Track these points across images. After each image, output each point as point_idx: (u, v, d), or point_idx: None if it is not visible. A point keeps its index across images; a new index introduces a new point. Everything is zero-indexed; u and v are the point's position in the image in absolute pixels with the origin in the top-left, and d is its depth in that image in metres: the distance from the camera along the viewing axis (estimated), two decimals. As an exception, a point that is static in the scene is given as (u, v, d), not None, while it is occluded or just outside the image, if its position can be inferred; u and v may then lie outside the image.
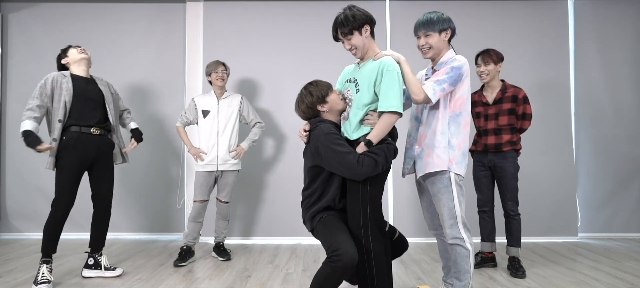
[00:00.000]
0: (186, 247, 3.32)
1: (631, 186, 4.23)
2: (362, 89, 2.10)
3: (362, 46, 2.14)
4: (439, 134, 2.14)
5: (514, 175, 2.97)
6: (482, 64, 3.01)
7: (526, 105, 3.00)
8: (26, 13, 4.33)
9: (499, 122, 2.99)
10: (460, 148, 2.16)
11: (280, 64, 4.24)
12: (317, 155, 2.09)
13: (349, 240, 1.94)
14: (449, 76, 2.09)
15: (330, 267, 1.89)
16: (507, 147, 2.97)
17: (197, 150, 3.35)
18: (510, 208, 2.99)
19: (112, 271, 2.90)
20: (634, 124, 4.26)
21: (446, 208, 2.13)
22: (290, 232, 4.15)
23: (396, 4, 4.27)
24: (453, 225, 2.13)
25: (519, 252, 3.00)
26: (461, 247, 2.14)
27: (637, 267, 3.15)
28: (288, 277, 2.96)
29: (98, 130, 2.81)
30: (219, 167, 3.36)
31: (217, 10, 4.27)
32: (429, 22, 2.16)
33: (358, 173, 1.98)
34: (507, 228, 3.04)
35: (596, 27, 4.29)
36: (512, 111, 2.99)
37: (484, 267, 3.13)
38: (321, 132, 2.07)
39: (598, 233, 4.23)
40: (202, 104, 3.39)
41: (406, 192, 4.15)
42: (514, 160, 2.99)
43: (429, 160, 2.15)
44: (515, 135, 3.01)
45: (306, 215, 2.17)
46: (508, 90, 3.01)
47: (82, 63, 2.84)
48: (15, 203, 4.26)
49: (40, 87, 2.68)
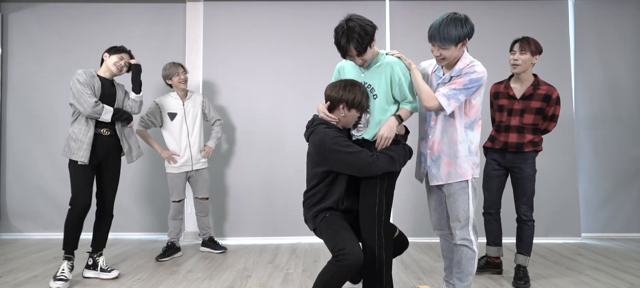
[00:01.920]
0: (171, 243, 3.48)
1: (631, 186, 4.23)
2: (380, 93, 2.14)
3: (371, 57, 2.14)
4: (459, 144, 2.10)
5: (532, 177, 2.72)
6: (517, 52, 2.67)
7: (557, 107, 2.71)
8: (26, 13, 4.33)
9: (524, 120, 2.70)
10: (477, 153, 2.16)
11: (280, 64, 4.24)
12: (323, 161, 2.07)
13: (354, 240, 1.94)
14: (466, 88, 2.02)
15: (336, 266, 1.89)
16: (528, 148, 2.70)
17: (170, 153, 3.43)
18: (524, 213, 2.74)
19: (108, 273, 2.90)
20: (634, 124, 4.26)
21: (461, 210, 2.12)
22: (290, 232, 4.15)
23: (396, 4, 4.27)
24: (464, 226, 2.12)
25: (527, 260, 2.75)
26: (468, 248, 2.14)
27: (637, 267, 3.15)
28: (288, 277, 2.96)
29: (108, 131, 2.84)
30: (194, 166, 3.50)
31: (217, 10, 4.27)
32: (446, 36, 1.97)
33: (375, 169, 2.01)
34: (518, 234, 2.79)
35: (596, 27, 4.28)
36: (540, 111, 2.69)
37: (487, 272, 2.98)
38: (327, 136, 2.04)
39: (598, 233, 4.22)
40: (167, 106, 3.46)
41: (406, 192, 4.14)
42: (533, 162, 2.73)
43: (451, 170, 2.12)
44: (538, 135, 2.75)
45: (308, 214, 2.16)
46: (541, 86, 2.69)
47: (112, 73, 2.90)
48: (16, 203, 4.26)
49: (83, 83, 2.69)
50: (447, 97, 2.03)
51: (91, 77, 2.77)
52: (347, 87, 2.07)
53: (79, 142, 2.71)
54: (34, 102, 4.27)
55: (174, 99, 3.47)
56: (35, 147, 4.25)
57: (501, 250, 2.95)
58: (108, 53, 2.89)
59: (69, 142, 2.74)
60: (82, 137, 2.72)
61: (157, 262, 3.31)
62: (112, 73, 2.89)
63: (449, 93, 2.03)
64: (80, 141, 2.71)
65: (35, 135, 4.26)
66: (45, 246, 3.84)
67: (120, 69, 2.89)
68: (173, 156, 3.44)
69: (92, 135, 2.73)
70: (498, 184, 2.85)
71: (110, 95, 2.86)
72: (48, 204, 4.22)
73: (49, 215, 4.22)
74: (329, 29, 4.70)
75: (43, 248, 3.75)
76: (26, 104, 4.27)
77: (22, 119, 4.27)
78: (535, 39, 2.71)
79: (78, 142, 2.71)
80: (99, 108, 2.71)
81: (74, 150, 2.71)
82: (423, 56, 2.42)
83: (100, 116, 2.72)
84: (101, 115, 2.72)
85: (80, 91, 2.68)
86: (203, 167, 3.58)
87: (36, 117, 4.26)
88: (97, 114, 2.71)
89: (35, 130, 4.26)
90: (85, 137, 2.72)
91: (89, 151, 2.71)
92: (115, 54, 2.88)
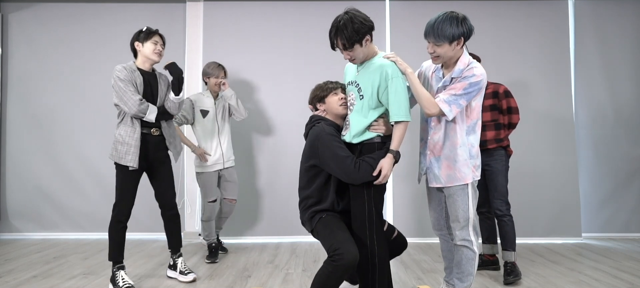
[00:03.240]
0: (214, 245, 3.43)
1: (632, 186, 4.22)
2: (366, 95, 2.09)
3: (362, 56, 2.09)
4: (459, 148, 2.09)
5: (501, 173, 2.86)
6: None
7: (509, 99, 2.92)
8: (26, 13, 4.33)
9: (482, 119, 2.79)
10: (478, 155, 2.15)
11: (280, 64, 4.24)
12: (314, 155, 2.10)
13: (350, 239, 1.94)
14: (466, 92, 2.00)
15: (332, 266, 1.89)
16: (492, 145, 2.87)
17: (203, 151, 3.41)
18: (498, 207, 2.85)
19: (185, 276, 2.79)
20: (634, 124, 4.26)
21: (461, 211, 2.11)
22: (290, 232, 4.15)
23: (396, 4, 4.27)
24: (464, 227, 2.12)
25: (513, 255, 2.81)
26: (469, 249, 2.13)
27: (637, 267, 3.15)
28: (288, 277, 2.96)
29: (157, 131, 2.69)
30: (225, 164, 3.47)
31: (217, 10, 4.27)
32: (439, 33, 1.97)
33: (355, 178, 2.00)
34: (499, 230, 2.89)
35: (596, 27, 4.28)
36: (494, 107, 2.92)
37: (483, 270, 3.05)
38: (323, 131, 2.09)
39: (598, 233, 4.22)
40: (200, 104, 3.44)
41: (406, 192, 4.14)
42: (502, 158, 2.88)
43: (450, 174, 2.11)
44: (503, 131, 2.92)
45: (304, 216, 2.18)
46: (488, 87, 2.91)
47: (151, 62, 2.69)
48: (16, 203, 4.26)
49: (124, 79, 2.51)
50: (448, 103, 2.01)
51: (132, 72, 2.57)
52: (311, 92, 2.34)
53: (126, 145, 2.53)
54: (34, 101, 4.27)
55: (207, 97, 3.49)
56: (35, 147, 4.25)
57: (496, 248, 3.03)
58: (139, 42, 2.63)
59: (116, 146, 2.56)
60: (129, 139, 2.54)
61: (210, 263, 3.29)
62: (153, 61, 2.66)
63: (450, 99, 2.01)
64: (128, 144, 2.53)
65: (35, 135, 4.26)
66: (45, 246, 3.84)
67: (160, 54, 2.66)
68: (205, 155, 3.42)
69: (138, 137, 2.55)
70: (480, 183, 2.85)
71: (154, 89, 2.66)
72: (48, 204, 4.22)
73: (49, 215, 4.22)
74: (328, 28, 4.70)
75: (43, 248, 3.75)
76: (26, 103, 4.27)
77: (22, 118, 4.27)
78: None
79: (125, 146, 2.53)
80: (144, 106, 2.52)
81: (121, 154, 2.54)
82: (423, 56, 2.40)
83: (145, 116, 2.54)
84: (146, 114, 2.54)
85: (122, 89, 2.50)
86: (232, 165, 3.56)
87: (36, 116, 4.26)
88: (142, 113, 2.52)
89: (35, 130, 4.26)
90: (131, 139, 2.54)
91: (137, 154, 2.54)
92: (148, 40, 2.62)
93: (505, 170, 2.88)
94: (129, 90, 2.51)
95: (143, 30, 2.65)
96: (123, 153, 2.54)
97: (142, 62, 2.67)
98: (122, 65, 2.59)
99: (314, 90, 2.31)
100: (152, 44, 2.63)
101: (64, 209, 4.24)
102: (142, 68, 2.67)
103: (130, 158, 2.53)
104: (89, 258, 3.41)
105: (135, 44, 2.66)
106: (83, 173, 4.24)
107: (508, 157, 2.93)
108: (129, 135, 2.56)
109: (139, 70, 2.64)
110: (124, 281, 2.57)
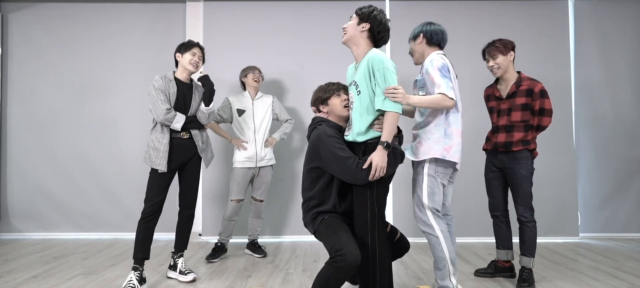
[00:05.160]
0: (220, 244, 3.45)
1: (631, 186, 4.23)
2: (362, 91, 2.11)
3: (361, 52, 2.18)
4: (433, 126, 2.27)
5: (525, 178, 2.69)
6: (489, 59, 2.76)
7: (544, 100, 2.68)
8: (26, 13, 4.33)
9: (512, 119, 2.72)
10: (456, 137, 2.27)
11: (280, 64, 4.24)
12: (316, 157, 2.10)
13: (352, 240, 1.94)
14: (442, 76, 2.21)
15: (333, 267, 1.89)
16: (518, 147, 2.69)
17: (239, 139, 3.48)
18: (522, 214, 2.72)
19: (185, 276, 2.85)
20: (634, 124, 4.26)
21: (418, 190, 2.28)
22: (290, 232, 4.15)
23: (396, 4, 4.27)
24: (421, 208, 2.26)
25: (531, 262, 2.71)
26: (430, 235, 2.25)
27: (637, 267, 3.15)
28: (288, 277, 2.96)
29: (186, 135, 2.79)
30: (258, 163, 3.49)
31: (217, 10, 4.27)
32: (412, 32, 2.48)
33: (358, 178, 2.00)
34: (520, 235, 2.77)
35: (596, 27, 4.29)
36: (527, 106, 2.70)
37: (498, 277, 2.91)
38: (323, 133, 2.09)
39: (598, 233, 4.23)
40: (237, 104, 3.52)
41: (406, 192, 4.14)
42: (527, 162, 2.70)
43: (421, 149, 2.29)
44: (530, 133, 2.73)
45: (307, 218, 2.18)
46: (523, 83, 2.71)
47: (188, 73, 2.81)
48: (16, 203, 4.26)
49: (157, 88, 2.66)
50: (446, 89, 2.18)
51: (167, 82, 2.72)
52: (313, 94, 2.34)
53: (156, 150, 2.69)
54: (34, 101, 4.27)
55: (244, 97, 3.55)
56: (35, 147, 4.26)
57: (511, 254, 2.89)
58: (180, 53, 2.80)
59: (149, 151, 2.71)
60: (159, 144, 2.69)
61: (208, 262, 3.31)
62: (190, 72, 2.79)
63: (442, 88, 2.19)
64: (157, 149, 2.68)
65: (36, 135, 4.26)
66: (45, 246, 3.84)
67: (197, 65, 2.79)
68: (243, 143, 3.46)
69: (167, 143, 2.69)
70: (497, 185, 2.87)
71: (187, 99, 2.79)
72: (48, 204, 4.23)
73: (49, 215, 4.23)
74: (328, 28, 4.70)
75: (43, 248, 3.75)
76: (26, 103, 4.28)
77: (22, 118, 4.28)
78: (503, 39, 2.78)
79: (156, 151, 2.68)
80: (170, 116, 2.66)
81: (153, 158, 2.69)
82: (423, 56, 2.45)
83: (171, 124, 2.68)
84: (172, 123, 2.68)
85: (154, 97, 2.65)
86: (267, 164, 3.54)
87: (36, 116, 4.27)
88: (169, 122, 2.67)
89: (35, 130, 4.26)
90: (161, 145, 2.68)
91: (165, 159, 2.68)
92: (186, 51, 2.78)
93: (530, 175, 2.71)
94: (160, 99, 2.66)
95: (184, 43, 2.82)
96: (154, 158, 2.70)
97: (180, 72, 2.81)
98: (160, 74, 2.73)
99: (316, 92, 2.30)
100: (190, 55, 2.78)
101: (64, 209, 4.24)
102: (180, 78, 2.81)
103: (159, 163, 2.68)
104: (89, 258, 3.42)
105: (176, 55, 2.82)
106: (83, 174, 4.24)
107: (533, 159, 2.75)
108: (159, 140, 2.70)
109: (175, 80, 2.78)
110: (128, 282, 2.60)
